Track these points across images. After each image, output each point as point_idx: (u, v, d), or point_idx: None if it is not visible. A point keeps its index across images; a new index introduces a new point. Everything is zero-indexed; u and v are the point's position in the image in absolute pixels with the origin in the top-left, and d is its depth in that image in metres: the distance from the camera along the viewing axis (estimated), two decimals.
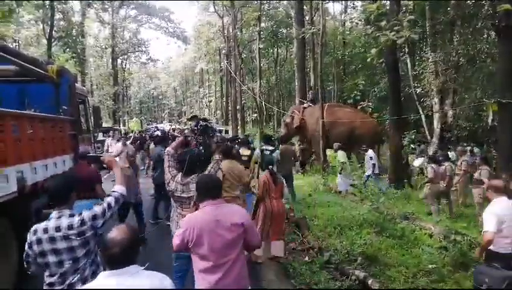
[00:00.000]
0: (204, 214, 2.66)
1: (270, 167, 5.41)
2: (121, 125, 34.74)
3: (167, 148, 4.06)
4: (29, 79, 5.93)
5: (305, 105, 15.28)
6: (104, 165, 2.93)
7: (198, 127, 4.30)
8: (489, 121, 10.64)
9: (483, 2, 15.99)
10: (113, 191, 2.72)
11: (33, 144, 4.94)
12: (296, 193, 9.13)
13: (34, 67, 5.62)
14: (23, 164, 4.56)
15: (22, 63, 5.24)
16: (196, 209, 2.94)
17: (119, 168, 2.92)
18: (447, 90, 15.16)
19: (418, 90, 16.30)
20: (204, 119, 4.45)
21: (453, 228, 6.67)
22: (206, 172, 3.69)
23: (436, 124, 15.65)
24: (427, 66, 15.58)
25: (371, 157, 10.51)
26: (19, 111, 5.08)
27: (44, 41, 26.85)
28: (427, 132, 16.17)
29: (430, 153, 12.63)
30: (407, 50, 16.89)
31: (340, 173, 10.26)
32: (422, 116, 15.80)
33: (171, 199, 3.91)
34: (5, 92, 6.27)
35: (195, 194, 3.34)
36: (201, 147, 4.34)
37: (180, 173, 3.74)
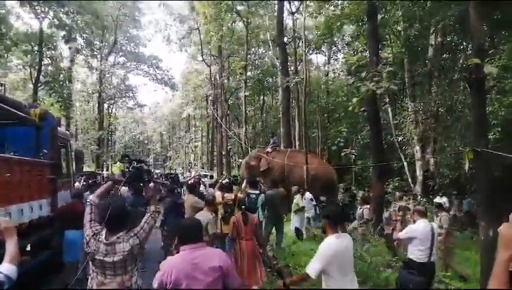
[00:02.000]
0: (182, 258, 2.65)
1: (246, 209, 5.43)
2: (104, 169, 34.22)
3: (90, 197, 3.28)
4: (10, 122, 5.90)
5: (268, 149, 15.48)
6: None
7: (129, 169, 3.49)
8: (467, 168, 10.89)
9: (459, 55, 16.96)
10: None
11: (9, 188, 4.83)
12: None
13: (15, 111, 5.61)
14: None
15: (3, 106, 5.23)
16: (177, 253, 2.88)
17: (14, 241, 2.04)
18: (427, 138, 15.59)
19: (400, 138, 16.72)
20: (139, 160, 3.65)
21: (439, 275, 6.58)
22: (139, 228, 2.99)
23: (419, 172, 15.91)
24: (407, 116, 16.10)
25: (311, 199, 11.03)
26: None
27: (31, 85, 27.01)
28: (410, 180, 16.38)
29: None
30: (388, 100, 17.51)
31: (295, 213, 10.22)
32: (405, 164, 16.08)
33: (90, 264, 2.98)
34: None
35: (123, 258, 2.81)
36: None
37: (105, 230, 2.92)
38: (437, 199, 12.52)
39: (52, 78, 26.54)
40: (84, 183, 10.89)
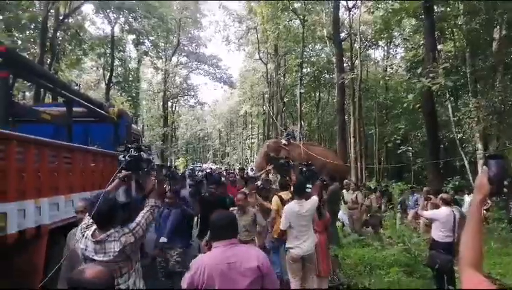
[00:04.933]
0: (215, 256, 2.40)
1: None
2: (168, 164, 36.32)
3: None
4: (94, 119, 6.90)
5: (284, 141, 15.42)
6: None
7: (126, 158, 3.07)
8: None
9: None
10: None
11: (94, 176, 5.74)
12: None
13: (98, 109, 6.59)
14: (85, 192, 5.33)
15: (91, 106, 6.19)
16: (209, 250, 2.60)
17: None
18: (489, 136, 14.90)
19: (460, 135, 16.11)
20: (138, 148, 3.22)
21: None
22: (135, 224, 2.71)
23: (480, 171, 15.23)
24: (468, 112, 15.49)
25: None
26: (85, 146, 5.94)
27: (103, 85, 29.54)
28: (471, 179, 15.71)
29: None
30: (448, 96, 16.93)
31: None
32: (466, 162, 15.47)
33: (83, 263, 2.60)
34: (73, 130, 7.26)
35: (113, 259, 2.51)
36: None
37: (95, 226, 2.62)
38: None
39: (123, 79, 28.82)
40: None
